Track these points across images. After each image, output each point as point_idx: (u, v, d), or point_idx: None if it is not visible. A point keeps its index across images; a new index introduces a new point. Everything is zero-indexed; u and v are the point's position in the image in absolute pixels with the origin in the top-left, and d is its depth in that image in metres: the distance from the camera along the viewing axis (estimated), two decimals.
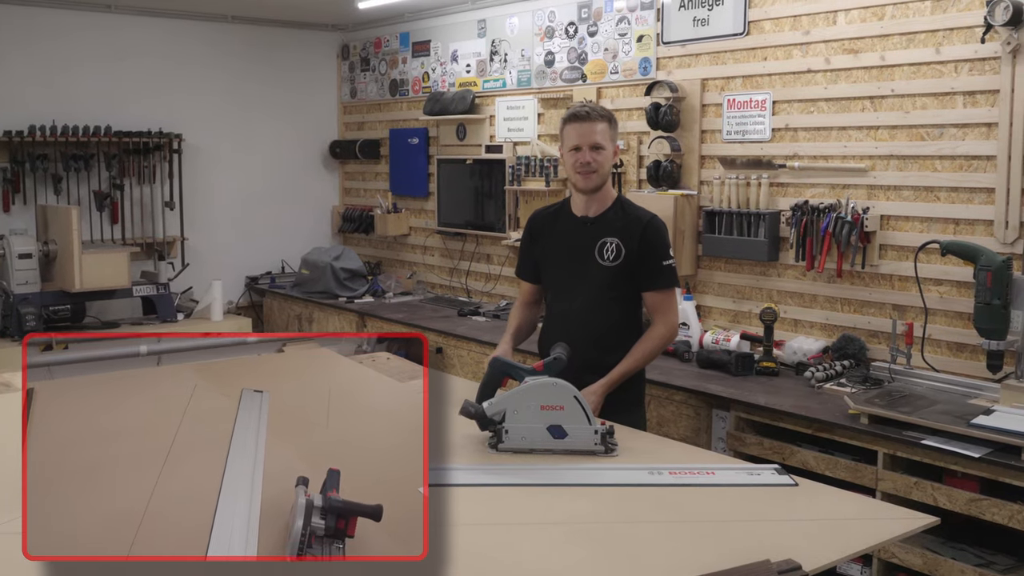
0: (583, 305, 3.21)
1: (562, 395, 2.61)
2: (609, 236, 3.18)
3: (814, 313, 4.29)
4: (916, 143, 3.90)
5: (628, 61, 5.04)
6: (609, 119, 3.18)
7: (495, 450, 2.60)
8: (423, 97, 6.43)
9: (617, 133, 3.23)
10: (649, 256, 3.16)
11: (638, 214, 3.22)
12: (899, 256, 3.98)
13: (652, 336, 3.17)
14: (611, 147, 3.18)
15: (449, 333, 5.18)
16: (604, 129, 3.15)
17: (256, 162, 6.93)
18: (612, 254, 3.17)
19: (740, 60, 4.51)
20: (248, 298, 6.93)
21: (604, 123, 3.15)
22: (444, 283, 6.43)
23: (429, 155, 6.47)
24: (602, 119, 3.15)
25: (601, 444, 2.60)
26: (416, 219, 6.65)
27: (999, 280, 3.33)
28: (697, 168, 4.69)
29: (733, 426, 3.70)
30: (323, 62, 7.24)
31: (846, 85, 4.12)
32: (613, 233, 3.18)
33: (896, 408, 3.31)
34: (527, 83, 5.67)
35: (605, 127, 3.15)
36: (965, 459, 3.01)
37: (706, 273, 4.72)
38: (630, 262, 3.16)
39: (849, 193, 4.11)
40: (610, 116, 3.20)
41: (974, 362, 3.73)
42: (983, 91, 3.69)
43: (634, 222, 3.19)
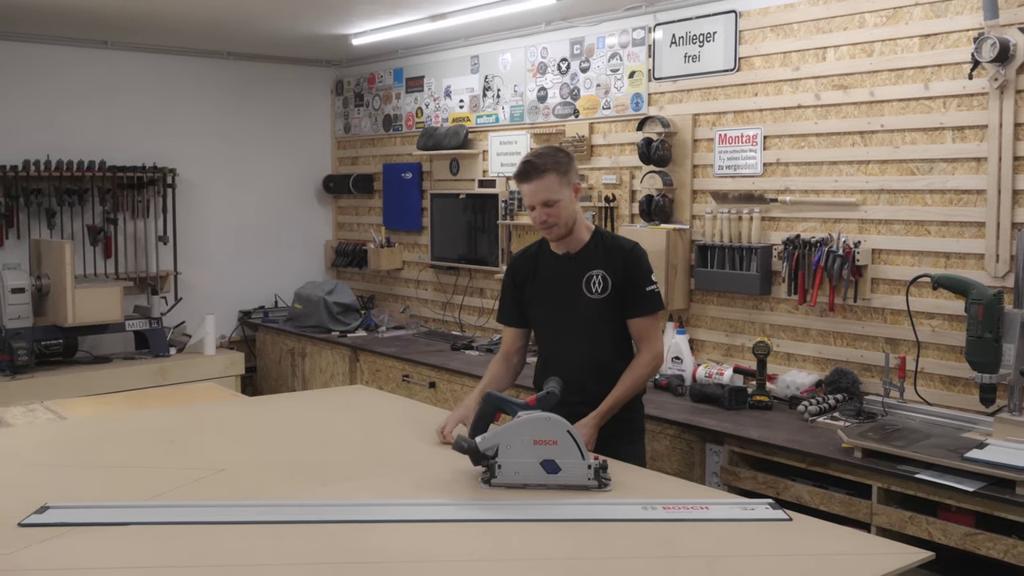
0: (576, 340, 3.20)
1: (555, 430, 2.59)
2: (594, 269, 3.17)
3: (807, 347, 4.29)
4: (906, 177, 3.92)
5: (620, 97, 5.07)
6: (555, 167, 3.08)
7: (488, 485, 2.58)
8: (416, 132, 6.46)
9: (572, 174, 3.13)
10: (632, 283, 3.15)
11: (619, 243, 3.21)
12: (891, 290, 3.98)
13: (639, 364, 3.16)
14: (566, 194, 3.10)
15: (442, 367, 5.16)
16: (552, 182, 3.07)
17: (250, 196, 6.94)
18: (599, 286, 3.16)
19: (731, 96, 4.54)
20: (241, 332, 6.91)
21: (551, 175, 3.07)
22: (437, 317, 6.42)
23: (422, 190, 6.48)
24: (546, 172, 3.07)
25: (594, 479, 2.58)
26: (409, 253, 6.65)
27: (990, 313, 3.33)
28: (689, 202, 4.71)
29: (727, 460, 3.68)
30: (317, 97, 7.27)
31: (836, 120, 4.14)
32: (597, 265, 3.17)
33: (890, 442, 3.30)
34: (520, 118, 5.70)
35: (552, 178, 3.07)
36: (959, 493, 2.99)
37: (699, 307, 4.72)
38: (617, 292, 3.15)
39: (840, 227, 4.12)
40: (557, 163, 3.09)
41: (967, 395, 3.72)
42: (972, 126, 3.72)
43: (615, 252, 3.18)
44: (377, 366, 5.67)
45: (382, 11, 5.32)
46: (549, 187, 3.09)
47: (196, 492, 2.55)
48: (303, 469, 2.80)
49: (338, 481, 2.68)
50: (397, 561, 2.11)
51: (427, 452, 2.98)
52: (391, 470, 2.81)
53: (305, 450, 3.04)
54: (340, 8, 5.26)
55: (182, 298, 6.52)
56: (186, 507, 2.42)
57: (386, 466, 2.86)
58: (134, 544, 2.18)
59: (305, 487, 2.61)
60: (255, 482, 2.67)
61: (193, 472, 2.72)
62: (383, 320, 6.35)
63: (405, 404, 3.85)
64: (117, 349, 6.03)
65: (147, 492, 2.54)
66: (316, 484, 2.64)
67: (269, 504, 2.45)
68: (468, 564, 2.10)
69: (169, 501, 2.47)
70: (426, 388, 5.25)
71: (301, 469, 2.80)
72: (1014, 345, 3.34)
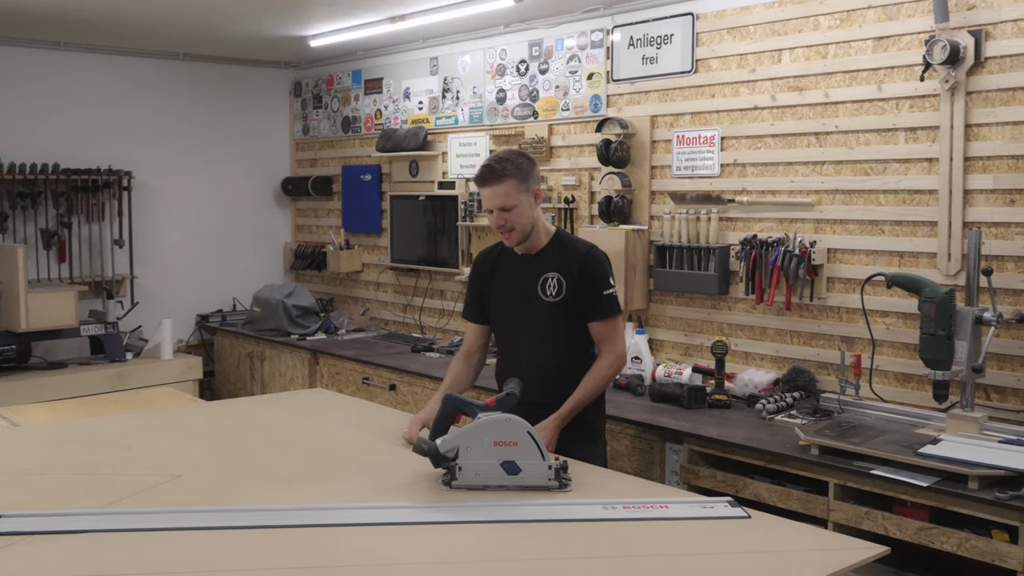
0: (532, 342, 3.20)
1: (515, 431, 2.59)
2: (550, 271, 3.17)
3: (764, 346, 4.33)
4: (860, 178, 3.97)
5: (579, 98, 5.09)
6: (515, 173, 3.09)
7: (449, 487, 2.57)
8: (376, 134, 6.43)
9: (532, 180, 3.14)
10: (589, 287, 3.15)
11: (575, 246, 3.22)
12: (846, 288, 4.03)
13: (600, 366, 3.17)
14: (524, 200, 3.11)
15: (403, 370, 5.14)
16: (510, 187, 3.08)
17: (207, 199, 6.87)
18: (554, 289, 3.16)
19: (688, 97, 4.57)
20: (198, 336, 6.85)
21: (509, 180, 3.07)
22: (397, 319, 6.40)
23: (382, 191, 6.46)
24: (505, 177, 3.08)
25: (555, 479, 2.58)
26: (369, 255, 6.62)
27: (943, 311, 3.38)
28: (648, 203, 4.73)
29: (686, 459, 3.70)
30: (275, 99, 7.22)
31: (792, 122, 4.18)
32: (553, 268, 3.17)
33: (846, 439, 3.34)
34: (479, 120, 5.69)
35: (511, 184, 3.08)
36: (914, 488, 3.03)
37: (658, 307, 4.74)
38: (573, 295, 3.15)
39: (797, 227, 4.17)
40: (517, 168, 3.10)
41: (921, 392, 3.78)
42: (924, 127, 3.77)
43: (571, 255, 3.18)
44: (337, 369, 5.64)
45: (340, 12, 5.30)
46: (507, 192, 3.09)
47: (153, 498, 2.52)
48: (262, 474, 2.78)
49: (298, 485, 2.66)
50: (356, 565, 2.09)
51: (387, 455, 2.97)
52: (351, 474, 2.79)
53: (264, 455, 3.01)
54: (298, 9, 5.23)
55: (138, 302, 6.44)
56: (143, 514, 2.38)
57: (346, 470, 2.84)
58: (90, 552, 2.15)
59: (264, 492, 2.59)
60: (214, 487, 2.65)
61: (150, 478, 2.69)
62: (343, 323, 6.33)
63: (365, 407, 3.83)
64: (72, 354, 5.95)
65: (103, 499, 2.50)
66: (275, 489, 2.62)
67: (228, 509, 2.42)
68: (428, 567, 2.10)
69: (126, 508, 2.43)
70: (386, 391, 5.23)
71: (260, 474, 2.78)
72: (966, 342, 3.40)
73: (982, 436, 3.33)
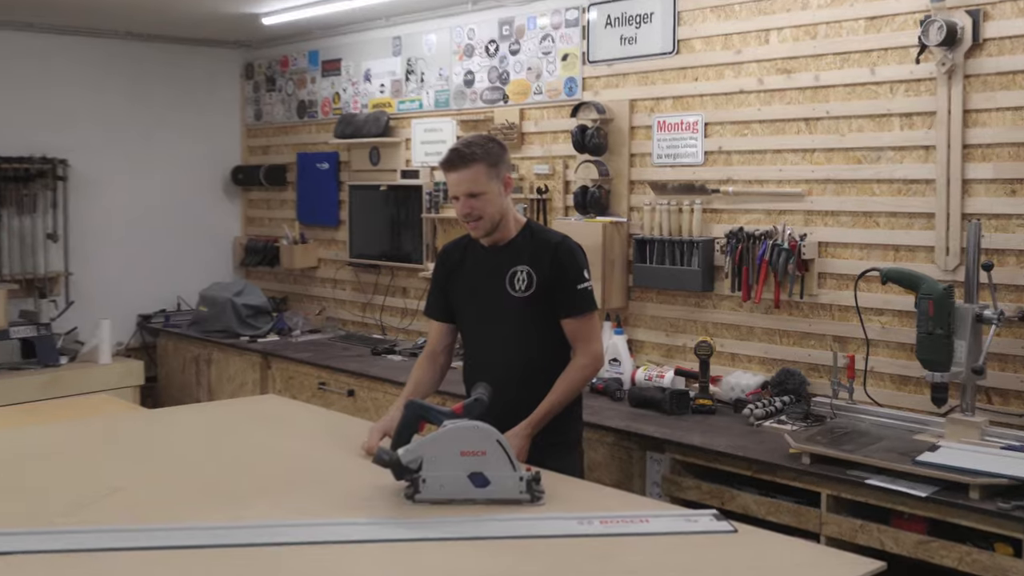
0: (500, 341, 3.20)
1: (484, 439, 2.58)
2: (519, 264, 3.17)
3: (752, 346, 4.34)
4: (853, 166, 3.99)
5: (552, 81, 5.08)
6: (486, 157, 3.10)
7: (412, 501, 2.56)
8: (333, 119, 6.40)
9: (502, 166, 3.15)
10: (561, 280, 3.15)
11: (546, 238, 3.22)
12: (838, 285, 4.05)
13: (574, 367, 3.16)
14: (493, 187, 3.11)
15: (362, 374, 5.12)
16: (478, 172, 3.08)
17: (150, 190, 6.81)
18: (523, 283, 3.16)
19: (670, 80, 4.57)
20: (140, 338, 6.79)
21: (477, 164, 3.08)
22: (356, 319, 6.38)
23: (340, 181, 6.43)
24: (474, 161, 3.08)
25: (527, 492, 2.57)
26: (326, 250, 6.59)
27: (941, 309, 3.39)
28: (627, 194, 4.73)
29: (668, 469, 3.70)
30: (225, 82, 7.17)
31: (780, 106, 4.20)
32: (523, 261, 3.17)
33: (839, 446, 3.35)
34: (445, 104, 5.68)
35: (480, 169, 3.08)
36: (911, 499, 3.04)
37: (637, 305, 4.75)
38: (544, 290, 3.15)
39: (785, 219, 4.18)
40: (486, 152, 3.11)
41: (918, 395, 3.80)
42: (920, 113, 3.79)
43: (543, 246, 3.18)
44: (290, 373, 5.61)
45: None
46: (475, 178, 3.09)
47: (90, 516, 2.48)
48: (209, 488, 2.76)
49: (248, 500, 2.64)
50: None
51: (345, 467, 2.95)
52: (306, 487, 2.77)
53: (211, 467, 2.99)
54: None
55: (74, 301, 6.37)
56: (79, 533, 2.35)
57: (300, 483, 2.82)
58: None
59: (211, 508, 2.57)
60: (156, 503, 2.62)
61: (87, 494, 2.65)
62: (297, 323, 6.30)
63: (321, 415, 3.83)
64: (1, 359, 5.87)
65: (32, 518, 2.46)
66: (223, 504, 2.60)
67: (172, 528, 2.40)
68: None
69: (60, 527, 2.39)
70: (345, 397, 5.20)
71: (207, 488, 2.76)
72: (966, 342, 3.41)
73: (984, 442, 3.34)
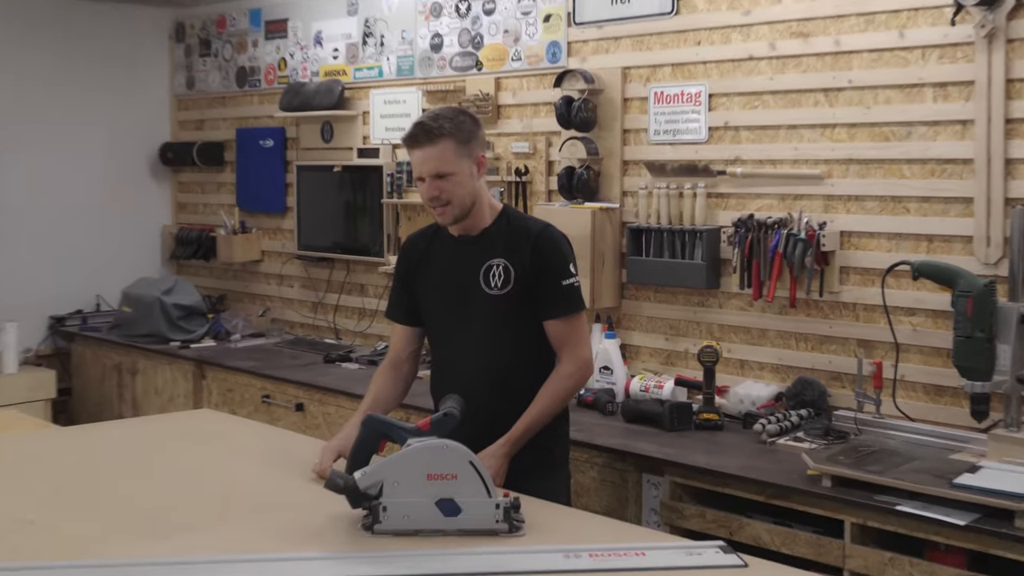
0: (472, 345, 3.20)
1: (454, 461, 2.58)
2: (495, 257, 3.18)
3: (764, 352, 4.35)
4: (880, 144, 3.99)
5: (533, 46, 5.07)
6: (456, 133, 3.10)
7: (371, 532, 2.56)
8: (279, 89, 6.39)
9: (475, 144, 3.16)
10: (544, 276, 3.15)
11: (526, 226, 3.23)
12: (863, 281, 4.06)
13: (559, 377, 3.17)
14: (464, 167, 3.12)
15: (312, 385, 5.11)
16: (446, 149, 3.08)
17: (63, 172, 6.78)
18: (499, 279, 3.17)
19: (668, 45, 4.58)
20: (52, 344, 6.77)
21: (445, 141, 3.08)
22: (306, 321, 6.37)
23: (287, 161, 6.43)
24: (442, 136, 3.08)
25: (504, 521, 2.57)
26: (271, 241, 6.58)
27: (981, 308, 3.40)
28: (619, 176, 4.73)
29: (668, 494, 3.71)
30: (151, 45, 7.16)
31: (795, 75, 4.20)
32: (499, 253, 3.18)
33: (864, 467, 3.36)
34: (409, 72, 5.66)
35: (449, 146, 3.08)
36: (948, 528, 3.05)
37: (632, 305, 4.74)
38: (523, 287, 3.15)
39: (802, 205, 4.18)
40: (457, 127, 3.11)
41: (955, 408, 3.82)
42: (956, 82, 3.81)
43: (522, 236, 3.19)
44: (229, 384, 5.60)
45: None
46: (443, 156, 3.08)
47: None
48: (134, 518, 2.75)
49: (179, 533, 2.63)
50: None
51: (293, 492, 2.95)
52: (247, 517, 2.77)
53: (136, 494, 2.97)
54: None
55: None
56: None
57: (241, 512, 2.82)
58: None
59: (136, 541, 2.56)
60: (72, 536, 2.61)
61: None
62: (237, 326, 6.30)
63: (265, 432, 3.84)
64: None
65: None
66: (151, 537, 2.59)
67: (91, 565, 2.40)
68: None
69: None
70: (292, 411, 5.19)
71: (132, 518, 2.75)
72: (1010, 346, 3.42)
73: None
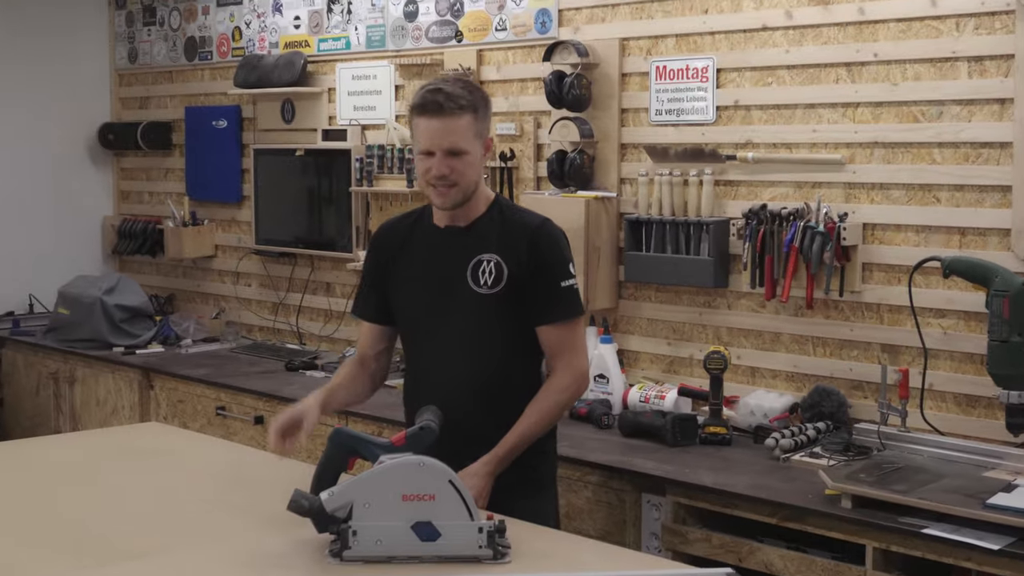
0: (456, 352, 3.21)
1: (432, 479, 2.59)
2: (485, 252, 3.19)
3: (777, 358, 4.37)
4: (908, 125, 4.01)
5: (520, 14, 5.09)
6: (475, 107, 3.13)
7: (339, 559, 2.57)
8: (234, 63, 6.38)
9: (488, 121, 3.22)
10: (541, 275, 3.17)
11: (523, 219, 3.25)
12: (888, 279, 4.09)
13: (553, 389, 3.18)
14: (478, 148, 3.16)
15: (273, 395, 5.10)
16: (467, 125, 3.11)
17: None
18: (490, 277, 3.18)
19: (672, 13, 4.59)
20: None
21: (467, 115, 3.11)
22: (266, 324, 6.37)
23: (243, 144, 6.42)
24: (464, 110, 3.10)
25: (488, 547, 2.58)
26: (225, 234, 6.58)
27: (1019, 309, 3.43)
28: (616, 161, 4.75)
29: (670, 516, 3.73)
30: (88, 12, 7.15)
31: (814, 48, 4.22)
32: (490, 248, 3.19)
33: (888, 486, 3.38)
34: (380, 43, 5.67)
35: (469, 121, 3.11)
36: (981, 552, 3.07)
37: (631, 305, 4.77)
38: (516, 286, 3.17)
39: (821, 194, 4.20)
40: (476, 101, 3.15)
41: (990, 420, 3.84)
42: (993, 56, 3.82)
43: (518, 230, 3.20)
44: (180, 395, 5.60)
45: None
46: (463, 131, 3.10)
47: None
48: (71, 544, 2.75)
49: (122, 560, 2.64)
50: None
51: (252, 515, 2.95)
52: (200, 543, 2.78)
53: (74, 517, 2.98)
54: None
55: None
56: None
57: (193, 536, 2.83)
58: None
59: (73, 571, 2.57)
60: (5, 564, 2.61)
61: None
62: (187, 330, 6.28)
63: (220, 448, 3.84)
64: None
65: None
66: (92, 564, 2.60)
67: None
68: None
69: None
70: (250, 425, 5.19)
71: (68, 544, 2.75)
72: None
73: None
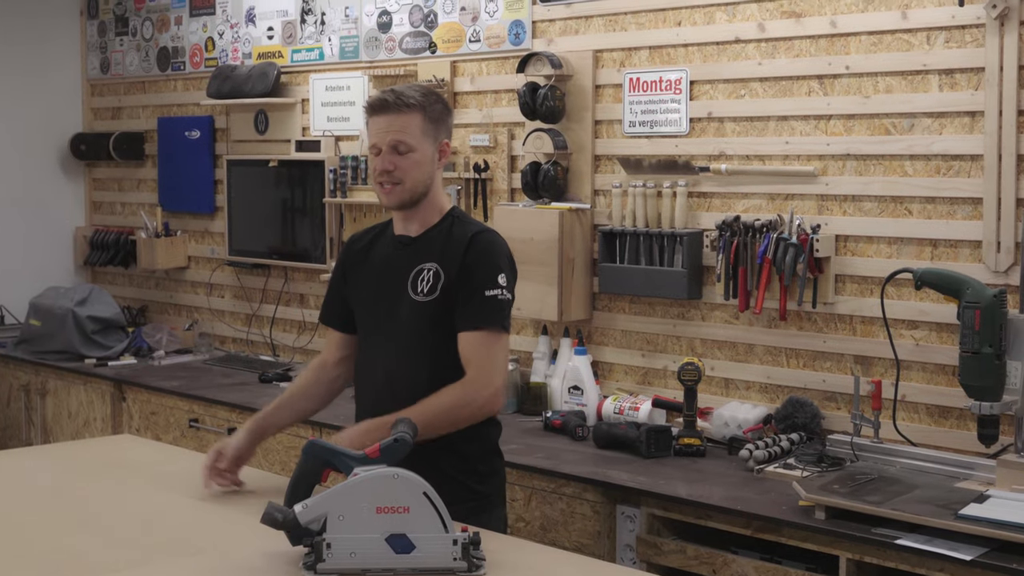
0: (391, 357, 3.24)
1: (406, 492, 2.59)
2: (427, 261, 3.22)
3: (751, 369, 4.38)
4: (880, 137, 4.03)
5: (493, 25, 5.09)
6: (425, 107, 3.17)
7: (313, 573, 2.57)
8: (207, 73, 6.36)
9: (442, 129, 3.24)
10: (468, 281, 3.17)
11: (464, 229, 3.26)
12: (861, 290, 4.10)
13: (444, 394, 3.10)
14: (427, 148, 3.18)
15: (246, 407, 5.07)
16: (414, 123, 3.14)
17: None
18: (427, 285, 3.20)
19: (645, 25, 4.60)
20: None
21: (416, 114, 3.14)
22: (239, 336, 6.36)
23: (216, 155, 6.41)
24: (412, 108, 3.14)
25: (462, 559, 2.59)
26: (198, 245, 6.56)
27: (990, 321, 3.43)
28: (590, 173, 4.76)
29: (645, 528, 3.73)
30: (60, 22, 7.12)
31: (786, 60, 4.24)
32: (433, 257, 3.22)
33: (862, 497, 3.38)
34: (353, 54, 5.67)
35: (417, 120, 3.15)
36: (954, 563, 3.08)
37: (604, 317, 4.78)
38: (449, 295, 3.19)
39: (794, 205, 4.22)
40: (429, 103, 3.19)
41: (962, 431, 3.85)
42: (964, 69, 3.84)
43: (457, 240, 3.22)
44: (153, 407, 5.58)
45: None
46: (408, 127, 3.14)
47: None
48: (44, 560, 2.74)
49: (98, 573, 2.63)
50: None
51: (226, 529, 2.95)
52: (173, 557, 2.77)
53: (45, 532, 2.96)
54: None
55: None
56: None
57: (167, 549, 2.82)
58: None
59: None
60: None
61: None
62: (160, 341, 6.27)
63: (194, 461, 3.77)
64: None
65: None
66: None
67: None
68: None
69: None
70: (224, 437, 5.14)
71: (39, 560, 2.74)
72: (1021, 363, 3.45)
73: None
